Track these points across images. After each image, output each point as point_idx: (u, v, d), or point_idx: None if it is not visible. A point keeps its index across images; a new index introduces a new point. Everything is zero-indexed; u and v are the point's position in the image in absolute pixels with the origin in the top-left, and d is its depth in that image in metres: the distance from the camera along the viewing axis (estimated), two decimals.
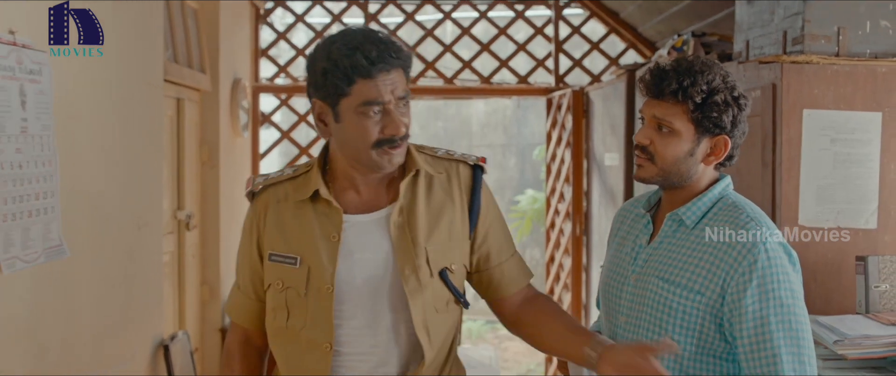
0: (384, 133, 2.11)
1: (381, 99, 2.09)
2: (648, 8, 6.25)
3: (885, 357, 2.69)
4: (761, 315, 2.08)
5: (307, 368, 2.22)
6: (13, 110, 2.97)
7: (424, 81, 7.14)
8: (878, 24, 3.17)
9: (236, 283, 2.41)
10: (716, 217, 2.21)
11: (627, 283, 2.32)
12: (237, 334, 2.41)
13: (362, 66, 2.06)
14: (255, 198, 2.33)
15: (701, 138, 2.20)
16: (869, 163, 3.14)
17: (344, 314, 2.19)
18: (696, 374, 2.18)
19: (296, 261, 2.21)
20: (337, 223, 2.19)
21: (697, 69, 2.17)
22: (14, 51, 2.97)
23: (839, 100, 3.15)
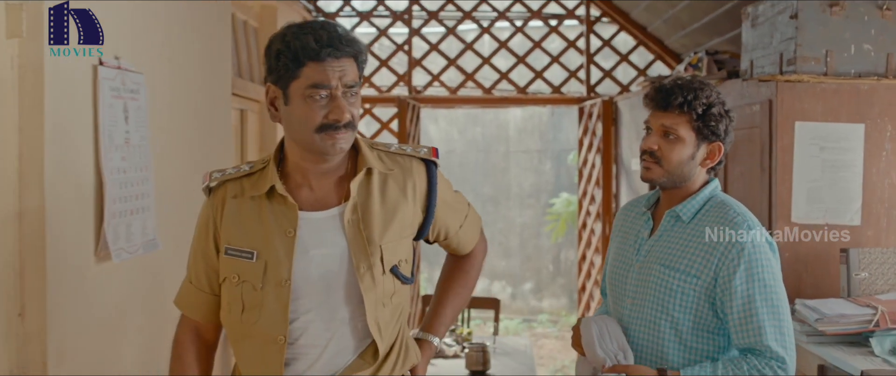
0: (328, 118, 2.13)
1: (328, 83, 2.12)
2: (673, 23, 6.70)
3: (859, 332, 3.17)
4: (748, 294, 2.42)
5: (262, 360, 2.25)
6: (119, 124, 3.51)
7: (464, 91, 7.62)
8: (862, 47, 3.64)
9: (188, 277, 2.42)
10: (708, 213, 2.55)
11: (632, 271, 2.64)
12: (188, 328, 2.44)
13: (312, 48, 2.10)
14: (211, 192, 2.36)
15: (700, 144, 2.56)
16: (853, 168, 3.61)
17: (299, 308, 2.23)
18: (694, 346, 2.52)
19: (252, 256, 2.24)
20: (292, 219, 2.22)
21: (697, 86, 2.55)
22: (119, 74, 3.50)
23: (827, 113, 3.63)
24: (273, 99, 2.20)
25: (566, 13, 7.58)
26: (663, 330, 2.53)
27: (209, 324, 2.40)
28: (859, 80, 3.64)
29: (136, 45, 3.68)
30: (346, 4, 7.57)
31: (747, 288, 2.43)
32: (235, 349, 2.33)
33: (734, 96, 4.21)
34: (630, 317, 2.61)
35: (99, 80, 3.32)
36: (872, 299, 3.27)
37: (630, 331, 2.60)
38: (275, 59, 2.14)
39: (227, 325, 2.32)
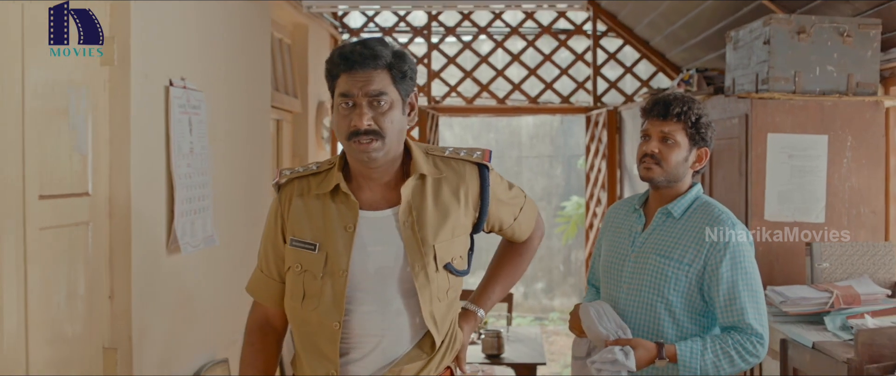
0: (351, 126, 2.26)
1: (350, 92, 2.25)
2: (672, 39, 7.23)
3: (817, 312, 3.72)
4: (732, 280, 2.79)
5: (318, 345, 2.37)
6: (185, 135, 4.08)
7: (480, 101, 8.16)
8: (825, 68, 4.20)
9: (259, 266, 2.56)
10: (696, 211, 2.92)
11: (628, 261, 2.97)
12: (258, 315, 2.57)
13: (337, 62, 2.28)
14: (281, 188, 2.48)
15: (692, 148, 2.92)
16: (818, 174, 4.16)
17: (356, 299, 2.34)
18: (685, 325, 2.87)
19: (315, 248, 2.36)
20: (353, 216, 2.34)
21: (689, 100, 2.93)
22: (185, 92, 4.08)
23: (795, 126, 4.18)
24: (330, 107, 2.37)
25: (574, 28, 8.08)
26: (659, 311, 2.87)
27: (278, 311, 2.52)
28: (823, 97, 4.20)
29: (198, 66, 4.25)
30: (370, 21, 8.12)
31: (732, 276, 2.81)
32: (295, 333, 2.46)
33: (718, 110, 4.77)
34: (627, 301, 2.94)
35: (170, 98, 3.90)
36: (831, 285, 3.83)
37: (627, 313, 2.93)
38: (326, 73, 2.34)
39: (289, 311, 2.45)
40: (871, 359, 3.07)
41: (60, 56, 3.07)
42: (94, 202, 3.40)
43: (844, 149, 4.19)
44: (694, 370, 2.76)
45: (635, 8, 7.28)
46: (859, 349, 3.09)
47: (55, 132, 3.14)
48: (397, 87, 2.30)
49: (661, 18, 6.93)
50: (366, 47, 2.26)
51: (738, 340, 2.77)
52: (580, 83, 8.09)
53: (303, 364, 2.43)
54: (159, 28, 3.78)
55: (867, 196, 4.20)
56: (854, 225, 4.18)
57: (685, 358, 2.76)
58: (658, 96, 2.98)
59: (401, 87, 2.30)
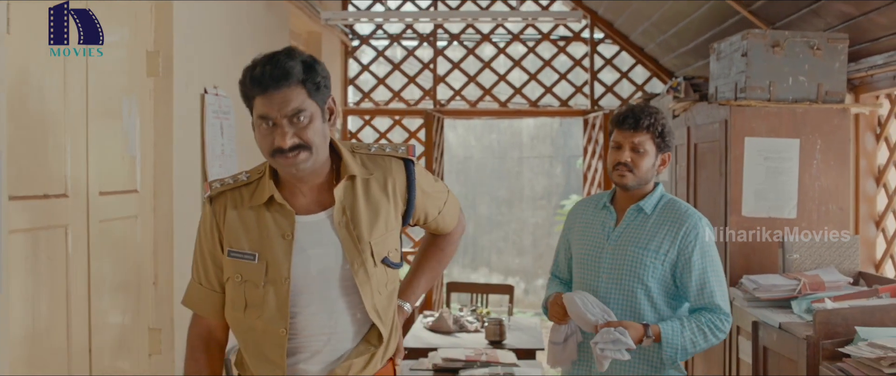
0: (274, 144, 2.26)
1: (269, 115, 2.25)
2: (665, 46, 7.65)
3: (786, 298, 4.15)
4: (703, 267, 3.12)
5: (264, 351, 2.39)
6: (217, 138, 4.51)
7: (483, 104, 8.57)
8: (797, 78, 4.62)
9: (195, 279, 2.52)
10: (664, 208, 3.21)
11: (605, 253, 3.22)
12: (200, 328, 2.53)
13: (249, 85, 2.27)
14: (212, 201, 2.46)
15: (658, 155, 3.20)
16: (790, 174, 4.59)
17: (302, 302, 2.38)
18: (661, 308, 3.17)
19: (254, 257, 2.37)
20: (290, 223, 2.37)
21: (654, 111, 3.20)
22: (217, 99, 4.50)
23: (770, 131, 4.62)
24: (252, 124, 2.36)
25: (573, 35, 8.49)
26: (639, 295, 3.16)
27: (220, 322, 2.51)
28: (795, 104, 4.62)
29: (227, 75, 4.68)
30: (379, 28, 8.54)
31: (702, 263, 3.13)
32: (240, 340, 2.48)
33: (702, 116, 5.20)
34: (608, 288, 3.20)
35: (205, 105, 4.33)
36: (799, 274, 4.26)
37: (609, 299, 3.18)
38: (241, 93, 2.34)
39: (231, 320, 2.46)
40: (826, 336, 3.50)
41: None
42: (142, 198, 3.83)
43: (814, 152, 4.61)
44: (676, 347, 3.06)
45: (630, 17, 7.70)
46: (817, 327, 3.52)
47: (112, 135, 3.57)
48: (314, 98, 2.28)
49: (654, 27, 7.35)
50: (276, 67, 2.23)
51: (710, 319, 3.09)
52: (578, 87, 8.47)
53: (248, 366, 2.47)
54: (195, 43, 4.22)
55: (835, 194, 4.63)
56: (823, 220, 4.61)
57: (668, 336, 3.05)
58: (627, 109, 3.22)
59: (317, 97, 2.29)
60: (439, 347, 4.82)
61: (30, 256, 2.95)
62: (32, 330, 2.96)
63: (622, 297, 3.18)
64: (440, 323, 5.48)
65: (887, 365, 3.11)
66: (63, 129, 3.16)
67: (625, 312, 3.17)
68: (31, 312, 2.96)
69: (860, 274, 4.45)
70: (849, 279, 4.28)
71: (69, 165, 3.18)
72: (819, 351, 3.49)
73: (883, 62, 4.51)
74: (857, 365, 3.26)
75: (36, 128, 3.00)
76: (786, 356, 3.81)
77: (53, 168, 3.11)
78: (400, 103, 8.55)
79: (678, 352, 3.09)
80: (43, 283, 3.02)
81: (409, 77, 8.54)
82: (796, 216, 4.60)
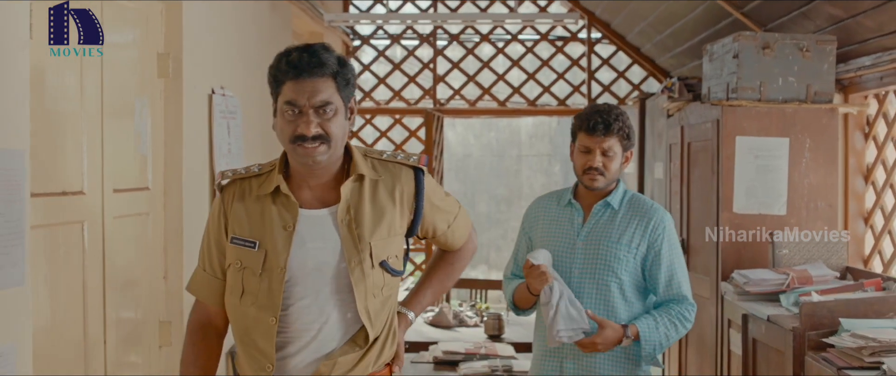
0: (296, 131, 2.30)
1: (298, 101, 2.30)
2: (661, 46, 7.78)
3: (775, 292, 4.30)
4: (671, 260, 3.23)
5: (255, 340, 2.41)
6: (224, 137, 4.64)
7: (482, 104, 8.69)
8: (787, 79, 4.76)
9: (201, 265, 2.56)
10: (630, 203, 3.29)
11: (577, 249, 3.26)
12: (200, 314, 2.57)
13: (283, 71, 2.31)
14: (223, 189, 2.51)
15: (623, 154, 3.26)
16: (780, 172, 4.74)
17: (295, 295, 2.39)
18: (630, 299, 3.23)
19: (254, 245, 2.40)
20: (293, 215, 2.40)
21: (620, 113, 3.24)
22: (224, 100, 4.64)
23: (760, 130, 4.76)
24: (273, 110, 2.41)
25: (570, 35, 8.61)
26: (612, 288, 3.22)
27: (220, 310, 2.53)
28: (785, 104, 4.77)
29: (234, 76, 4.82)
30: (379, 29, 8.67)
31: (670, 256, 3.25)
32: (234, 329, 2.50)
33: (695, 115, 5.34)
34: (581, 284, 3.24)
35: (213, 105, 4.47)
36: (788, 269, 4.40)
37: (582, 294, 3.21)
38: (268, 75, 2.38)
39: (228, 307, 2.48)
40: (812, 327, 3.64)
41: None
42: (153, 195, 3.97)
43: (803, 151, 4.75)
44: (653, 342, 3.15)
45: (627, 17, 7.83)
46: (803, 319, 3.66)
47: (124, 135, 3.71)
48: (341, 94, 2.34)
49: (650, 28, 7.49)
50: (312, 55, 2.30)
51: (678, 310, 3.21)
52: (576, 87, 8.58)
53: (241, 361, 2.49)
54: (203, 45, 4.35)
55: (823, 191, 4.77)
56: (812, 217, 4.75)
57: (646, 333, 3.14)
58: (595, 113, 3.24)
59: (344, 93, 2.35)
60: (439, 341, 4.94)
61: (49, 251, 3.09)
62: (51, 323, 3.10)
63: (596, 292, 3.23)
64: (440, 318, 5.60)
65: (868, 354, 3.26)
66: (80, 129, 3.30)
67: (598, 306, 3.22)
68: (50, 306, 3.09)
69: (848, 268, 4.59)
70: (836, 274, 4.43)
71: (86, 163, 3.32)
72: (805, 342, 3.63)
73: (870, 63, 4.65)
74: (840, 355, 3.40)
75: (54, 128, 3.14)
76: (774, 347, 3.96)
77: (71, 166, 3.25)
78: (400, 102, 8.68)
79: (656, 348, 3.18)
80: (61, 278, 3.16)
81: (410, 76, 8.66)
82: (786, 213, 4.74)
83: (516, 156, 13.26)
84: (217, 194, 2.53)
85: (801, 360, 3.65)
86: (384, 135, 8.65)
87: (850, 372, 3.25)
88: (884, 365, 3.15)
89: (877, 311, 3.69)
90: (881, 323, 3.58)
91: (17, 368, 2.67)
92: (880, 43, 4.56)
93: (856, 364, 3.29)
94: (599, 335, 3.13)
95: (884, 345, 3.27)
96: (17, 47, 2.69)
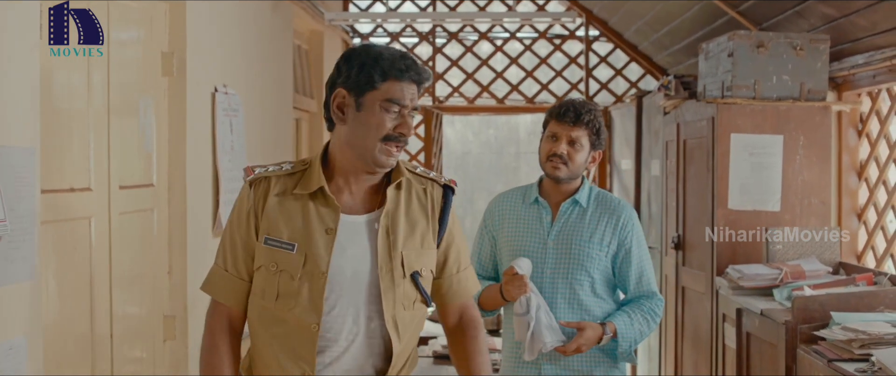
0: (396, 130, 2.30)
1: (403, 101, 2.30)
2: (659, 44, 7.85)
3: (769, 287, 4.38)
4: (640, 256, 3.27)
5: (294, 346, 2.34)
6: (227, 134, 4.71)
7: (481, 101, 8.75)
8: (781, 77, 4.84)
9: (221, 265, 2.45)
10: (597, 200, 3.30)
11: (548, 248, 3.24)
12: (222, 316, 2.44)
13: (398, 69, 2.29)
14: (253, 185, 2.39)
15: (591, 151, 3.26)
16: (774, 169, 4.82)
17: (330, 301, 2.33)
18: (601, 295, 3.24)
19: (293, 248, 2.32)
20: (335, 219, 2.34)
21: (593, 108, 3.26)
22: (227, 97, 4.70)
23: (754, 127, 4.83)
24: (341, 104, 2.35)
25: (568, 33, 8.64)
26: (585, 286, 3.22)
27: (240, 311, 2.44)
28: (779, 102, 4.84)
29: (236, 74, 4.89)
30: (379, 27, 8.72)
31: (639, 252, 3.28)
32: (262, 333, 2.40)
33: (691, 113, 5.41)
34: (553, 282, 3.22)
35: (216, 103, 4.53)
36: (782, 264, 4.48)
37: (555, 293, 3.20)
38: (357, 69, 2.31)
39: (258, 310, 2.40)
40: (804, 321, 3.72)
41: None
42: (157, 192, 4.03)
43: (797, 148, 4.83)
44: (631, 338, 3.18)
45: (624, 16, 7.90)
46: (795, 313, 3.74)
47: (130, 132, 3.77)
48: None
49: (648, 26, 7.56)
50: (415, 63, 2.35)
51: (649, 306, 3.24)
52: (574, 84, 8.63)
53: (267, 364, 2.41)
54: (207, 43, 4.42)
55: (816, 188, 4.85)
56: (806, 213, 4.83)
57: (623, 330, 3.17)
58: (568, 102, 3.28)
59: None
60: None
61: (57, 246, 3.15)
62: (59, 317, 3.16)
63: (569, 290, 3.22)
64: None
65: (858, 346, 3.34)
66: (86, 127, 3.37)
67: (572, 304, 3.22)
68: (59, 300, 3.16)
69: (841, 264, 4.67)
70: (829, 268, 4.51)
71: (92, 160, 3.39)
72: (797, 335, 3.71)
73: (863, 61, 4.72)
74: (831, 347, 3.48)
75: (62, 126, 3.21)
76: (767, 340, 4.04)
77: (78, 163, 3.32)
78: None
79: (632, 344, 3.20)
80: (69, 273, 3.23)
81: None
82: (780, 209, 4.82)
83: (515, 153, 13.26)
84: (247, 190, 2.41)
85: (794, 353, 3.73)
86: None
87: (841, 364, 3.33)
88: (872, 356, 3.22)
89: (867, 305, 3.77)
90: (871, 316, 3.66)
91: (27, 361, 2.74)
92: (873, 41, 4.63)
93: (846, 356, 3.37)
94: (581, 336, 3.13)
95: (873, 338, 3.35)
96: (28, 48, 2.76)
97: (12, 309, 2.67)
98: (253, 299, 2.41)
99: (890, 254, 4.77)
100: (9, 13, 2.67)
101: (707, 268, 5.03)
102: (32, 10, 2.81)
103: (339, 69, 2.36)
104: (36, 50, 2.80)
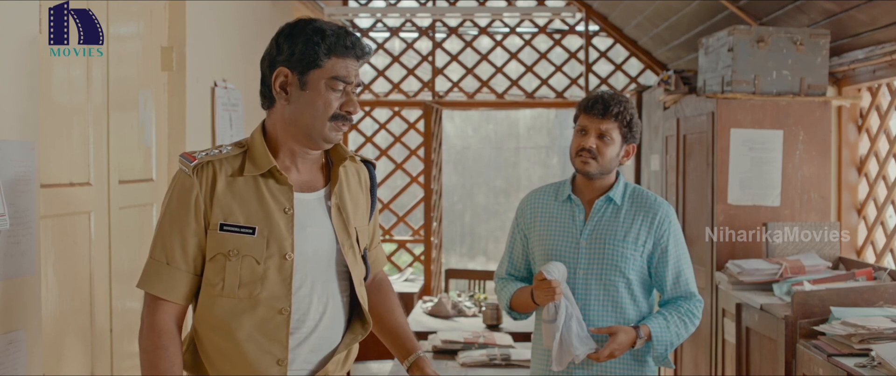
0: (343, 108, 2.26)
1: (349, 78, 2.25)
2: (658, 39, 7.85)
3: (768, 281, 4.38)
4: (677, 256, 3.14)
5: (265, 332, 2.26)
6: (226, 129, 4.71)
7: (480, 96, 8.75)
8: (781, 72, 4.84)
9: (161, 260, 2.29)
10: (632, 197, 3.16)
11: (581, 247, 3.12)
12: (166, 313, 2.28)
13: (343, 46, 2.24)
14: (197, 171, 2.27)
15: (624, 145, 3.12)
16: (774, 164, 4.81)
17: (296, 281, 2.28)
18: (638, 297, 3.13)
19: (253, 231, 2.24)
20: (289, 198, 2.28)
21: (624, 100, 3.11)
22: (227, 92, 4.71)
23: (754, 122, 4.83)
24: (284, 83, 2.26)
25: (568, 28, 8.64)
26: (620, 288, 3.10)
27: (184, 308, 2.32)
28: (779, 97, 4.84)
29: (236, 69, 4.90)
30: (378, 21, 8.71)
31: (676, 252, 3.15)
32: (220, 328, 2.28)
33: (691, 108, 5.41)
34: (586, 283, 3.11)
35: (215, 98, 4.54)
36: (782, 259, 4.48)
37: (588, 294, 3.10)
38: (302, 46, 2.23)
39: (211, 300, 2.27)
40: (803, 316, 3.72)
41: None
42: (156, 187, 4.04)
43: (797, 143, 4.83)
44: (666, 342, 3.06)
45: (624, 10, 7.89)
46: (795, 307, 3.74)
47: (129, 127, 3.77)
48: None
49: (648, 21, 7.55)
50: (359, 39, 2.29)
51: (687, 308, 3.12)
52: (573, 79, 8.63)
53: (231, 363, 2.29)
54: (206, 38, 4.43)
55: (816, 183, 4.85)
56: (805, 208, 4.83)
57: (658, 333, 3.05)
58: (596, 95, 3.14)
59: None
60: (438, 330, 5.02)
61: (57, 241, 3.15)
62: (59, 311, 3.16)
63: (603, 292, 3.12)
64: (439, 308, 5.68)
65: (857, 341, 3.34)
66: (86, 121, 3.37)
67: (606, 306, 3.11)
68: (59, 294, 3.16)
69: (840, 259, 4.67)
70: (828, 264, 4.51)
71: (92, 155, 3.39)
72: (796, 329, 3.71)
73: (864, 57, 4.72)
74: (830, 342, 3.48)
75: (62, 121, 3.21)
76: (766, 335, 4.04)
77: (78, 157, 3.32)
78: (399, 94, 8.74)
79: (668, 348, 3.08)
80: (69, 267, 3.23)
81: (409, 69, 8.71)
82: (780, 204, 4.82)
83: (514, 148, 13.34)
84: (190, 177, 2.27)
85: (793, 348, 3.73)
86: (383, 127, 8.71)
87: (840, 359, 3.33)
88: (872, 351, 3.22)
89: (867, 300, 3.77)
90: (870, 311, 3.66)
91: (27, 355, 2.75)
92: (873, 36, 4.63)
93: (845, 351, 3.37)
94: (614, 341, 3.02)
95: (872, 333, 3.35)
96: (27, 43, 2.76)
97: (12, 303, 2.68)
98: (209, 292, 2.28)
99: (889, 249, 4.78)
100: (7, 7, 2.67)
101: (706, 262, 5.03)
102: (31, 4, 2.81)
103: (280, 46, 2.28)
104: (35, 44, 2.80)
